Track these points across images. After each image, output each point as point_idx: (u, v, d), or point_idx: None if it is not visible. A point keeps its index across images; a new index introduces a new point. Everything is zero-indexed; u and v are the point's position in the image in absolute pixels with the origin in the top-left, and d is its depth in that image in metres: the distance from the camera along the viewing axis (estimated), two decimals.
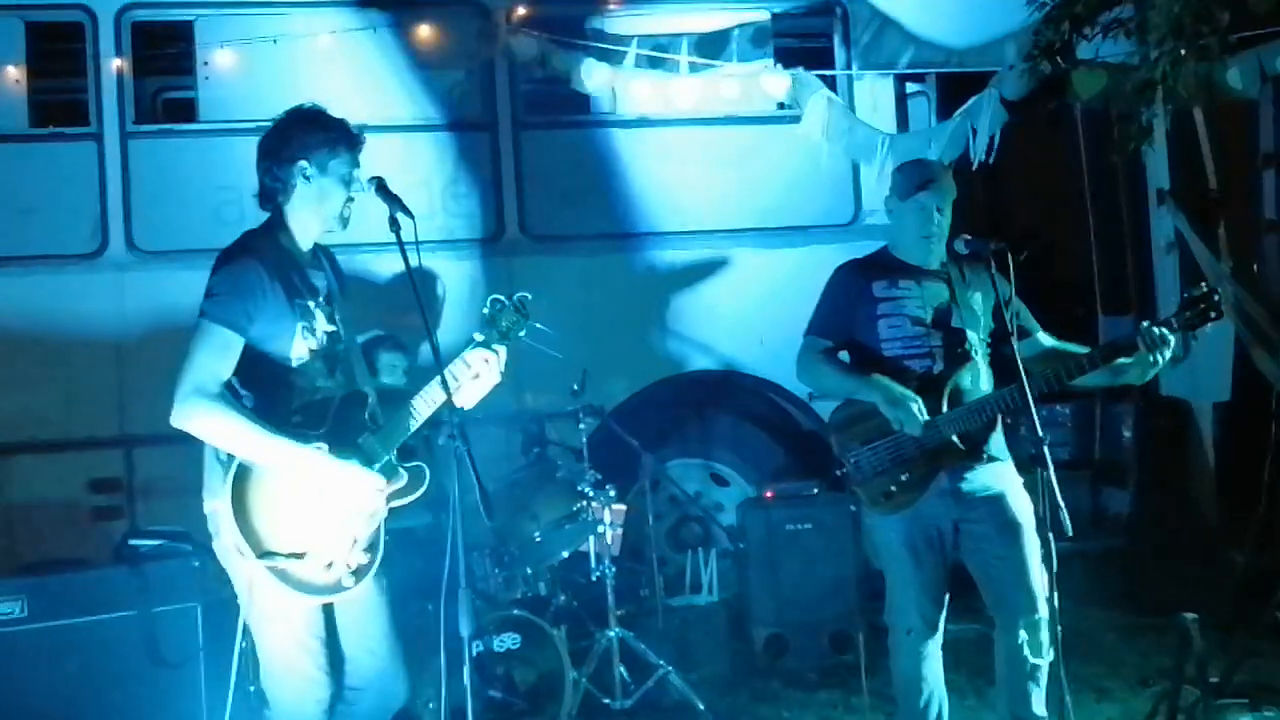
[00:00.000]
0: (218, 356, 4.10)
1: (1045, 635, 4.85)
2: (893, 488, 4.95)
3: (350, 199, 4.34)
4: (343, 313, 4.44)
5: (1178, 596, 6.58)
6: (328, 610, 4.26)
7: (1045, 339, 5.10)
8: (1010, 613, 4.95)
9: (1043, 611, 4.85)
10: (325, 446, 4.15)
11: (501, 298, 4.45)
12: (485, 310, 4.43)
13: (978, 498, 4.99)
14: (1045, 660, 4.90)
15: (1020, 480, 5.04)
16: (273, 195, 4.35)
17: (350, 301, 4.55)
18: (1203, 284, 4.90)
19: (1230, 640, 6.27)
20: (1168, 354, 4.77)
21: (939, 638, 5.05)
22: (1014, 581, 4.93)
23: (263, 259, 4.22)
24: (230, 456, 4.09)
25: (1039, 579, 4.87)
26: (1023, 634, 4.90)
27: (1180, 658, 5.92)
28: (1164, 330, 4.75)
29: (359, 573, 4.24)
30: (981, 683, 6.10)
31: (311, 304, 4.30)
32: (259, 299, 4.16)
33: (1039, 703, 4.95)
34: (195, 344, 4.12)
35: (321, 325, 4.31)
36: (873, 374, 4.97)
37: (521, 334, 4.49)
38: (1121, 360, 4.84)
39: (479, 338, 4.39)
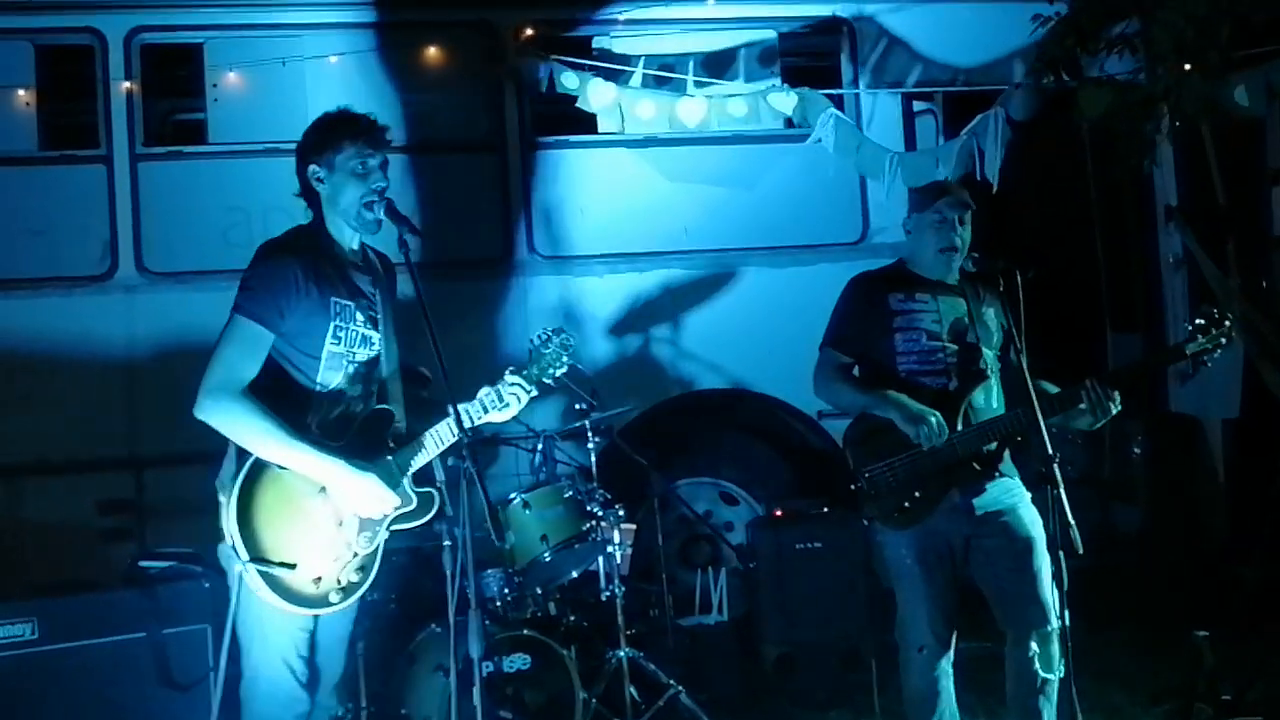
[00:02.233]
0: (247, 351, 4.12)
1: (1056, 649, 4.86)
2: (906, 503, 4.95)
3: (371, 192, 4.29)
4: (387, 322, 4.43)
5: (1189, 613, 6.58)
6: (312, 629, 4.27)
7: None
8: (1023, 626, 4.94)
9: (1054, 625, 4.84)
10: (343, 460, 4.16)
11: (547, 333, 4.48)
12: (532, 343, 4.45)
13: (990, 513, 5.00)
14: (1056, 675, 4.89)
15: (1029, 495, 5.05)
16: (307, 199, 4.39)
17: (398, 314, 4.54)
18: (1213, 309, 4.90)
19: (1242, 657, 6.26)
20: (1113, 411, 4.83)
21: (950, 655, 5.04)
22: (1027, 595, 4.93)
23: (301, 256, 4.23)
24: (242, 454, 4.10)
25: (1051, 592, 4.85)
26: (1034, 647, 4.90)
27: (1192, 675, 5.92)
28: (1108, 389, 4.80)
29: (348, 590, 4.25)
30: (993, 701, 6.07)
31: (352, 304, 4.30)
32: (292, 295, 4.16)
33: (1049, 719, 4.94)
34: (225, 337, 4.14)
35: (359, 328, 4.31)
36: (889, 390, 4.98)
37: (561, 371, 4.52)
38: (1080, 407, 4.89)
39: (511, 379, 4.42)
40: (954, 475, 4.94)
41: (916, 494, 4.95)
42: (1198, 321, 4.91)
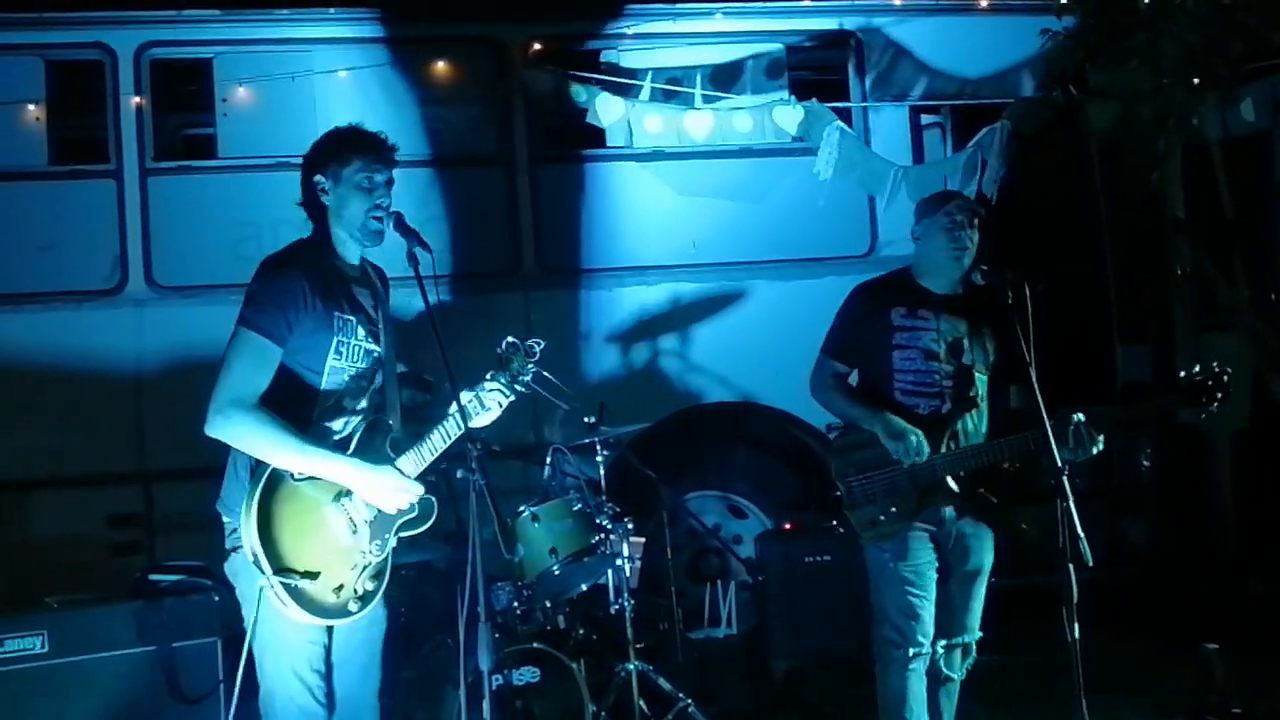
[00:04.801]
0: (256, 366, 4.11)
1: (960, 654, 5.16)
2: (881, 517, 5.06)
3: (375, 206, 4.31)
4: (387, 336, 4.44)
5: (1198, 626, 6.57)
6: (327, 644, 4.27)
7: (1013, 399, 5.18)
8: (940, 634, 5.11)
9: (974, 636, 5.15)
10: (358, 459, 4.18)
11: (515, 340, 4.47)
12: (499, 350, 4.45)
13: (964, 532, 5.13)
14: (958, 676, 5.17)
15: (992, 535, 5.17)
16: (310, 212, 4.39)
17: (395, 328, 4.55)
18: (1214, 364, 4.89)
19: (1252, 670, 6.24)
20: (1094, 451, 4.85)
21: (927, 659, 5.11)
22: (959, 610, 5.14)
23: (306, 270, 4.23)
24: (255, 472, 4.09)
25: (980, 611, 5.16)
26: (939, 650, 5.11)
27: (1202, 688, 5.92)
28: (1093, 430, 4.82)
29: (365, 599, 4.25)
30: (1002, 712, 6.08)
31: (353, 319, 4.31)
32: (299, 309, 4.16)
33: (949, 714, 5.21)
34: (233, 352, 4.13)
35: (360, 342, 4.32)
36: (879, 407, 5.06)
37: (527, 379, 4.51)
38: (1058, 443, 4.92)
39: (490, 384, 4.41)
40: (933, 496, 5.04)
41: (892, 509, 5.04)
42: (1192, 379, 4.90)
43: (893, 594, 5.06)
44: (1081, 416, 4.84)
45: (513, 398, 4.46)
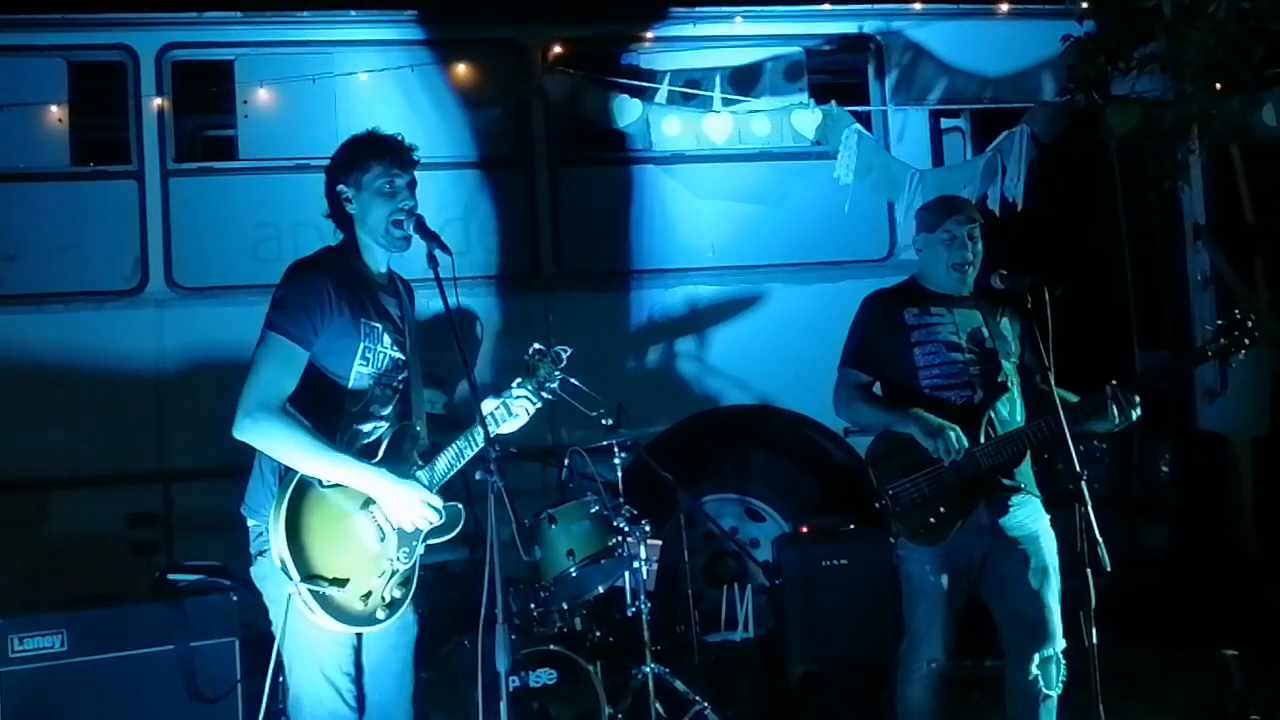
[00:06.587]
0: (282, 370, 4.11)
1: (1054, 669, 4.97)
2: (931, 519, 4.94)
3: (399, 210, 4.31)
4: (412, 343, 4.45)
5: (1217, 632, 6.55)
6: (356, 646, 4.28)
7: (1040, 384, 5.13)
8: (1029, 647, 5.00)
9: (1058, 646, 4.96)
10: (386, 471, 4.18)
11: (542, 347, 4.49)
12: (526, 357, 4.47)
13: (1013, 536, 5.02)
14: (1055, 692, 4.99)
15: (1048, 517, 5.07)
16: (336, 220, 4.41)
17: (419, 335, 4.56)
18: (1235, 311, 4.92)
19: (1271, 677, 6.22)
20: (1134, 415, 4.88)
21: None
22: (1036, 619, 4.99)
23: (332, 275, 4.24)
24: (284, 477, 4.09)
25: (1058, 617, 4.98)
26: (1033, 669, 4.97)
27: (1221, 694, 5.90)
28: (1130, 396, 4.87)
29: (393, 606, 4.25)
30: None
31: (380, 326, 4.32)
32: (325, 314, 4.17)
33: None
34: (260, 356, 4.13)
35: (387, 350, 4.33)
36: (910, 406, 4.98)
37: (554, 385, 4.53)
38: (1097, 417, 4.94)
39: (518, 391, 4.44)
40: (979, 490, 4.95)
41: (941, 509, 4.94)
42: (1219, 323, 4.98)
43: (930, 607, 5.00)
44: (1115, 382, 4.86)
45: (539, 404, 4.49)
